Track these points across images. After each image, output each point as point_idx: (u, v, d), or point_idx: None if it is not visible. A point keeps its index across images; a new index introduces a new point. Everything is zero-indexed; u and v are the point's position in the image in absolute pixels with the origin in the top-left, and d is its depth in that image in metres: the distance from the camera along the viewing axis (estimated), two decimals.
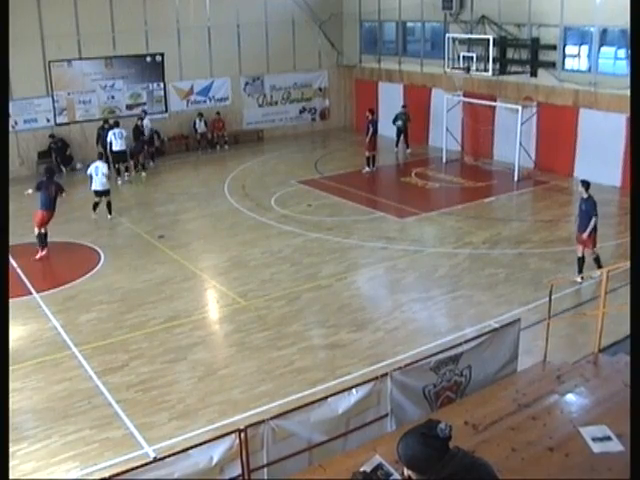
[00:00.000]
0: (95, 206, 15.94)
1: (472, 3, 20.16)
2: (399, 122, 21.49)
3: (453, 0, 20.22)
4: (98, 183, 15.73)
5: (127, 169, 19.68)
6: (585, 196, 11.71)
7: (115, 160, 19.27)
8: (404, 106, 21.81)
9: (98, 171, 15.67)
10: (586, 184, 11.82)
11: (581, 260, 11.76)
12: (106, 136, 19.35)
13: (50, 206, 13.88)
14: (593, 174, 17.42)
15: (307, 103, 25.36)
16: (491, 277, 12.13)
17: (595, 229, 11.60)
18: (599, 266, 11.50)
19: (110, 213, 15.98)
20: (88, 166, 16.35)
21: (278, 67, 24.27)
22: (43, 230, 13.81)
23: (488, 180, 18.50)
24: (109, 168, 16.83)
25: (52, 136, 20.43)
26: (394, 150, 21.80)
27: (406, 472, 3.35)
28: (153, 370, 9.35)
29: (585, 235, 11.57)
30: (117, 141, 19.03)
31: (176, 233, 15.16)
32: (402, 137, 21.70)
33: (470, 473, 3.30)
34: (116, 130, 19.14)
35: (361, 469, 4.39)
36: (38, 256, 13.65)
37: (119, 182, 19.19)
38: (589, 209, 11.54)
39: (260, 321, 10.76)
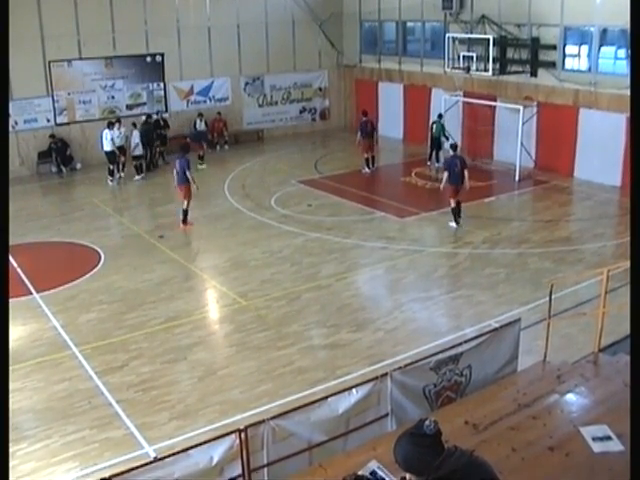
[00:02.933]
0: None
1: (472, 3, 20.17)
2: (437, 131, 19.62)
3: (453, 0, 20.22)
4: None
5: (112, 171, 19.24)
6: (452, 154, 14.70)
7: (107, 160, 19.24)
8: (440, 115, 19.98)
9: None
10: (454, 146, 15.09)
11: (455, 209, 14.57)
12: (101, 136, 19.35)
13: (180, 181, 15.08)
14: (593, 174, 17.58)
15: (307, 103, 25.36)
16: (491, 277, 12.13)
17: (456, 182, 14.37)
18: (455, 216, 14.59)
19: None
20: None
21: (278, 67, 24.27)
22: (185, 205, 15.19)
23: (488, 180, 18.49)
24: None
25: (52, 136, 20.43)
26: (427, 163, 20.01)
27: (408, 476, 3.36)
28: (153, 370, 9.35)
29: (442, 186, 14.69)
30: (104, 142, 19.01)
31: (176, 233, 15.15)
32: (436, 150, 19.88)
33: (468, 472, 3.29)
34: (105, 130, 19.08)
35: (359, 472, 4.37)
36: (180, 227, 15.23)
37: (109, 182, 19.14)
38: (459, 164, 14.34)
39: (260, 321, 10.76)
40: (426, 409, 6.37)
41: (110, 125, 19.22)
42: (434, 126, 19.81)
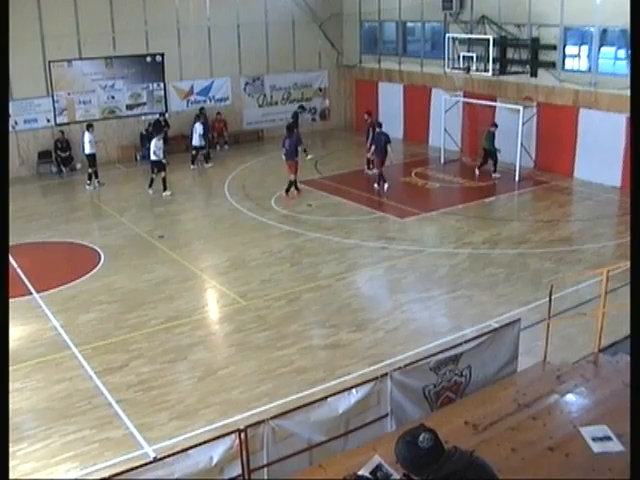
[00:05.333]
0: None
1: (472, 3, 20.17)
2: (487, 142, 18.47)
3: (453, 0, 20.22)
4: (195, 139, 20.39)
5: (96, 174, 18.99)
6: (379, 131, 17.62)
7: (88, 163, 19.04)
8: (494, 125, 18.56)
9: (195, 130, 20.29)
10: (380, 124, 17.92)
11: (380, 176, 17.59)
12: (82, 137, 19.13)
13: (287, 157, 17.12)
14: (593, 174, 17.59)
15: (307, 103, 25.34)
16: (491, 277, 12.14)
17: (381, 154, 17.43)
18: (384, 180, 17.54)
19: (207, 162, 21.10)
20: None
21: (278, 67, 24.27)
22: (293, 177, 17.15)
23: (488, 180, 18.49)
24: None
25: (62, 132, 20.43)
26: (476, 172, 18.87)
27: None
28: (153, 370, 9.35)
29: (370, 155, 18.13)
30: (85, 144, 18.80)
31: (176, 233, 15.16)
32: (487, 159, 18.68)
33: (469, 473, 3.31)
34: (85, 133, 18.87)
35: (359, 472, 4.37)
36: (288, 194, 17.21)
37: (87, 187, 18.88)
38: (383, 139, 17.36)
39: (260, 321, 10.77)
40: (426, 409, 6.37)
41: (89, 127, 18.95)
42: (489, 135, 18.47)
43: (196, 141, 20.33)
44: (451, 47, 19.97)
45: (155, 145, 17.72)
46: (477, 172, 18.90)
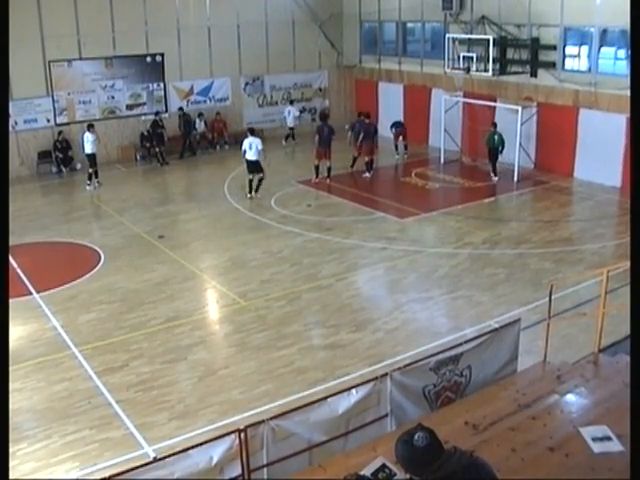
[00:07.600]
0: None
1: (472, 3, 20.17)
2: (497, 142, 18.16)
3: (453, 0, 20.22)
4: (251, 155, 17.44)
5: (96, 174, 18.94)
6: (321, 123, 18.84)
7: (88, 163, 18.98)
8: (494, 124, 18.41)
9: (252, 146, 17.32)
10: (323, 116, 19.38)
11: (317, 167, 18.45)
12: (82, 138, 19.03)
13: (322, 144, 18.17)
14: (593, 174, 17.59)
15: (307, 103, 25.34)
16: (491, 277, 12.14)
17: (324, 145, 18.25)
18: (316, 173, 18.47)
19: (256, 191, 17.37)
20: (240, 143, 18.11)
21: (278, 67, 24.26)
22: (317, 163, 18.34)
23: (488, 180, 18.49)
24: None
25: (60, 132, 20.41)
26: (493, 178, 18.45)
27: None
28: (153, 370, 9.35)
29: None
30: (85, 145, 18.72)
31: (176, 233, 15.16)
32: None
33: (468, 473, 3.31)
34: (86, 133, 18.78)
35: (361, 472, 4.37)
36: (312, 181, 18.29)
37: (87, 187, 18.80)
38: (327, 131, 18.37)
39: (260, 321, 10.77)
40: (426, 409, 6.37)
41: (90, 127, 18.85)
42: (495, 137, 18.17)
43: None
44: (451, 47, 19.98)
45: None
46: (495, 178, 18.37)
